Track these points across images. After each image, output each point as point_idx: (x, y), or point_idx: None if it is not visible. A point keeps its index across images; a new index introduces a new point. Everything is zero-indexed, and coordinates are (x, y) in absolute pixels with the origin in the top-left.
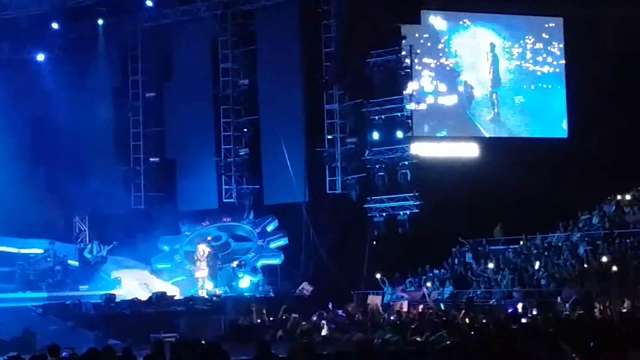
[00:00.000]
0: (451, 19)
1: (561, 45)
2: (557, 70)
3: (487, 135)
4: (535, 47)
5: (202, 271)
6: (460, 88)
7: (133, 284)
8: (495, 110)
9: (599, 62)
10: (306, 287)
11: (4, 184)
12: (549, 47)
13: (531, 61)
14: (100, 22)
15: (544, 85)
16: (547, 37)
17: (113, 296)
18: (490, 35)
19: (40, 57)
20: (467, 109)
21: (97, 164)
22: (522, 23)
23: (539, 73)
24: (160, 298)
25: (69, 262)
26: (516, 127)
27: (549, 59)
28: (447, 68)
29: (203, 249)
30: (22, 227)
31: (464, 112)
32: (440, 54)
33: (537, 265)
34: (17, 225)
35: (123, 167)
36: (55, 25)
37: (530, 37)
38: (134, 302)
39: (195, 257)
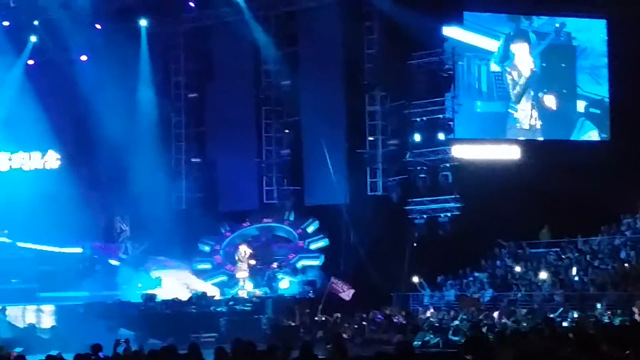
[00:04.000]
0: (493, 20)
1: (604, 48)
2: (599, 72)
3: (528, 138)
4: (577, 49)
5: (243, 272)
6: (505, 90)
7: (173, 284)
8: (536, 112)
9: None
10: (346, 290)
11: (46, 183)
12: (591, 49)
13: (573, 62)
14: (143, 23)
15: (585, 88)
16: (590, 38)
17: (153, 296)
18: (532, 36)
19: (83, 57)
20: (508, 111)
21: (139, 163)
22: (565, 24)
23: (580, 75)
24: (200, 298)
25: (110, 261)
26: (556, 129)
27: (591, 61)
28: (490, 70)
29: (244, 250)
30: (64, 227)
31: (505, 114)
32: (482, 56)
33: (574, 270)
34: (59, 225)
35: (165, 167)
36: (98, 26)
37: (573, 38)
38: (175, 302)
39: (236, 258)
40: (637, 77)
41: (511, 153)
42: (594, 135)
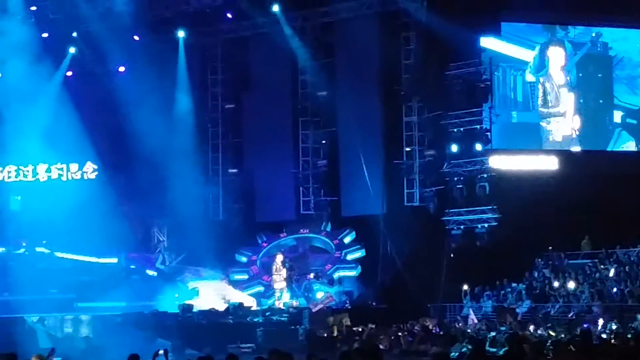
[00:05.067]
0: (529, 30)
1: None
2: (636, 82)
3: (563, 148)
4: (614, 59)
5: (280, 282)
6: (539, 100)
7: (210, 294)
8: (573, 123)
9: None
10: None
11: (84, 194)
12: (628, 59)
13: (610, 72)
14: (180, 34)
15: (622, 99)
16: (627, 48)
17: (190, 306)
18: (567, 46)
19: (121, 68)
20: (545, 121)
21: (177, 174)
22: (602, 34)
23: (617, 85)
24: (237, 308)
25: (147, 272)
26: (593, 140)
27: (628, 71)
28: (526, 80)
29: (281, 260)
30: (101, 237)
31: (541, 125)
32: (518, 66)
33: (612, 275)
34: (97, 235)
35: (202, 177)
36: (136, 38)
37: (610, 48)
38: (211, 313)
39: (274, 268)
40: None
41: (549, 163)
42: (631, 145)
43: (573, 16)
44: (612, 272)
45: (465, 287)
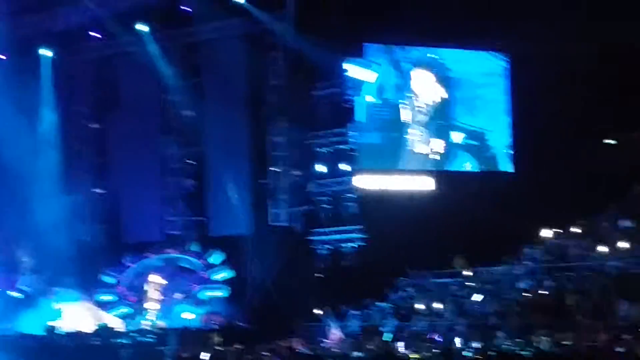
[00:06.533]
0: (395, 51)
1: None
2: (502, 105)
3: (432, 169)
4: (478, 82)
5: (152, 302)
6: (404, 119)
7: (76, 315)
8: (437, 144)
9: (543, 98)
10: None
11: None
12: (495, 82)
13: (474, 94)
14: (46, 53)
15: (490, 120)
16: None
17: (55, 328)
18: (433, 68)
19: None
20: (407, 142)
21: (41, 194)
22: (467, 57)
23: (484, 108)
24: (104, 330)
25: (10, 293)
26: (461, 161)
27: (495, 94)
28: (389, 101)
29: (157, 280)
30: None
31: (406, 146)
32: (387, 88)
33: (477, 298)
34: None
35: (67, 197)
36: (2, 57)
37: (474, 72)
38: (78, 334)
39: (146, 288)
40: (536, 113)
41: (415, 184)
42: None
43: (432, 40)
44: (475, 296)
45: (320, 311)
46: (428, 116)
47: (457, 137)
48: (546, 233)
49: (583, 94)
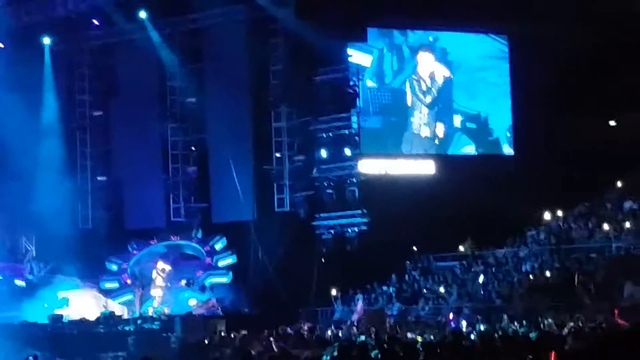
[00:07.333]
0: (394, 36)
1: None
2: (503, 88)
3: (434, 152)
4: (478, 65)
5: (158, 289)
6: (408, 103)
7: (81, 303)
8: (439, 128)
9: (542, 80)
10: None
11: None
12: (494, 65)
13: (474, 78)
14: (46, 41)
15: (489, 103)
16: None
17: (60, 316)
18: (434, 52)
19: None
20: (412, 126)
21: (44, 182)
22: (467, 40)
23: (484, 91)
24: (108, 317)
25: (15, 282)
26: (462, 144)
27: (494, 77)
28: (392, 85)
29: (163, 267)
30: None
31: (409, 130)
32: (386, 72)
33: (481, 279)
34: None
35: (71, 185)
36: (1, 45)
37: (475, 55)
38: (82, 322)
39: (153, 275)
40: (536, 95)
41: (418, 167)
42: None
43: (432, 23)
44: (481, 277)
45: (334, 292)
46: (431, 97)
47: (457, 120)
48: (549, 215)
49: (583, 75)
